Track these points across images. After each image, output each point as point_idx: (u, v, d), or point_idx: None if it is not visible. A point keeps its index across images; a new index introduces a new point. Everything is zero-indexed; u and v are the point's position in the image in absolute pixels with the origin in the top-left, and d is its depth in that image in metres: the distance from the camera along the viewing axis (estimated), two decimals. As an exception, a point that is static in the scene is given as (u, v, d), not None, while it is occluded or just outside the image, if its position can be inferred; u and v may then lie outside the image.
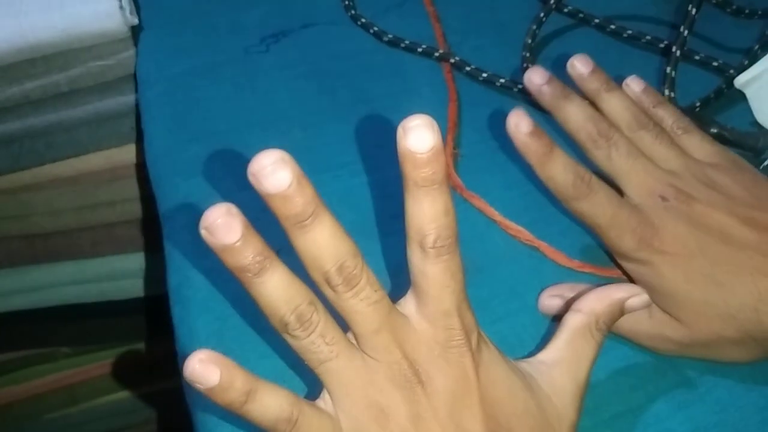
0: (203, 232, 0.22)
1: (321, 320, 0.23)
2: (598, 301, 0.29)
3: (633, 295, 0.29)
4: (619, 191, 0.32)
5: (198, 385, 0.22)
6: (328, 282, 0.23)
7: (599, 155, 0.32)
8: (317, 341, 0.23)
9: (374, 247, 0.37)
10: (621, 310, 0.29)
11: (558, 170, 0.30)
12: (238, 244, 0.22)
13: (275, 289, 0.23)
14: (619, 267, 0.33)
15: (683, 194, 0.31)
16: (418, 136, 0.22)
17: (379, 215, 0.38)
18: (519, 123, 0.29)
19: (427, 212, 0.23)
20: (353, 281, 0.23)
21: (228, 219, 0.22)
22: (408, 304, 0.25)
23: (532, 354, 0.29)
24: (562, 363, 0.28)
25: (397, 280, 0.31)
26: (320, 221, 0.23)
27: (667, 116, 0.35)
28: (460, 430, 0.24)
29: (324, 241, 0.23)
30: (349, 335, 0.25)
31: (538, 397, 0.26)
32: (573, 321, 0.29)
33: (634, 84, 0.36)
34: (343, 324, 0.25)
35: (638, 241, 0.30)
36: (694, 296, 0.29)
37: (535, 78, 0.34)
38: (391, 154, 0.23)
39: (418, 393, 0.24)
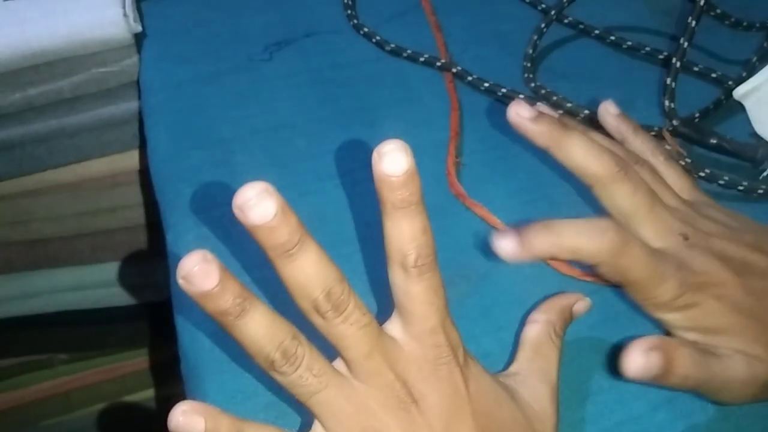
0: (181, 282, 0.22)
1: (306, 353, 0.23)
2: (551, 310, 0.31)
3: (578, 300, 0.32)
4: None
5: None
6: (317, 309, 0.23)
7: (621, 191, 0.30)
8: (305, 374, 0.23)
9: (377, 257, 0.37)
10: (570, 315, 0.32)
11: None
12: (216, 289, 0.22)
13: (258, 328, 0.23)
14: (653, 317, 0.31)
15: (699, 231, 0.31)
16: (393, 160, 0.23)
17: (380, 224, 0.39)
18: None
19: (406, 233, 0.24)
20: (342, 306, 0.23)
21: (204, 266, 0.22)
22: (393, 325, 0.26)
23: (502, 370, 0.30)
24: (535, 371, 0.29)
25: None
26: (306, 249, 0.23)
27: (646, 145, 0.35)
28: None
29: (311, 268, 0.23)
30: (336, 364, 0.25)
31: (521, 405, 0.27)
32: (534, 332, 0.31)
33: (610, 107, 0.36)
34: (327, 354, 0.25)
35: (679, 286, 0.29)
36: (750, 320, 0.29)
37: (523, 112, 0.30)
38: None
39: (413, 412, 0.24)
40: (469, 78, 0.46)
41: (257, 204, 0.22)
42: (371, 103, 0.46)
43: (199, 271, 0.22)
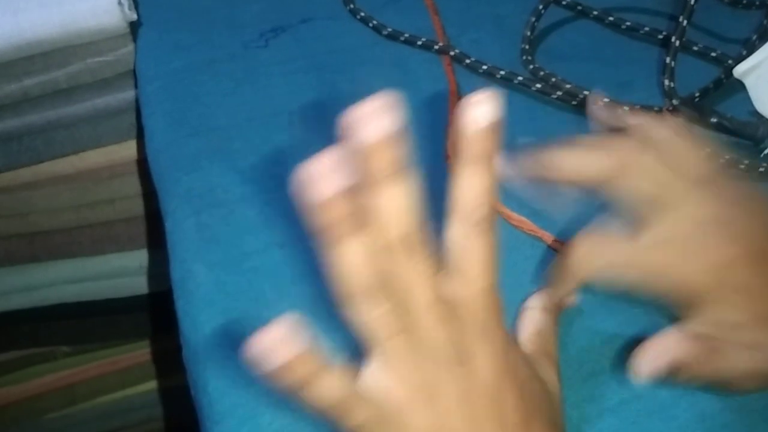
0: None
1: (393, 295, 0.23)
2: (547, 297, 0.32)
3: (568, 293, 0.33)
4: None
5: (264, 365, 0.21)
6: (394, 248, 0.23)
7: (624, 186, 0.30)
8: (390, 313, 0.23)
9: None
10: (563, 302, 0.33)
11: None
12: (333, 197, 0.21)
13: (359, 254, 0.22)
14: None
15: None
16: (482, 110, 0.22)
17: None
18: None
19: (477, 188, 0.23)
20: (416, 250, 0.23)
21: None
22: (445, 284, 0.25)
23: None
24: (539, 352, 0.30)
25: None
26: (402, 182, 0.22)
27: (649, 125, 0.33)
28: (499, 408, 0.24)
29: (401, 203, 0.22)
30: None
31: (539, 375, 0.28)
32: (533, 316, 0.31)
33: (599, 98, 0.35)
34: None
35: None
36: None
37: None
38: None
39: (465, 372, 0.24)
40: (467, 61, 0.46)
41: (380, 118, 0.21)
42: (369, 88, 0.45)
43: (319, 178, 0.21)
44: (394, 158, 0.21)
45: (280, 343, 0.21)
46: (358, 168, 0.22)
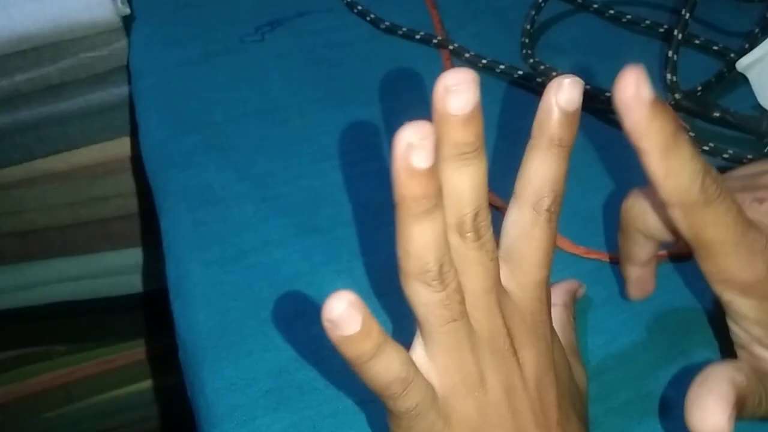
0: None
1: (456, 279, 0.22)
2: (564, 293, 0.32)
3: (579, 287, 0.33)
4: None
5: (337, 332, 0.20)
6: (461, 227, 0.22)
7: (713, 214, 0.24)
8: (452, 297, 0.22)
9: (375, 238, 0.36)
10: (575, 296, 0.33)
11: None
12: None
13: (428, 235, 0.21)
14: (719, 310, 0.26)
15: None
16: (572, 95, 0.22)
17: (378, 205, 0.38)
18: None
19: (550, 174, 0.23)
20: (482, 231, 0.22)
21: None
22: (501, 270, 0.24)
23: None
24: (566, 347, 0.29)
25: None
26: (479, 161, 0.21)
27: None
28: (542, 400, 0.24)
29: (474, 182, 0.21)
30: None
31: (573, 372, 0.27)
32: (554, 313, 0.30)
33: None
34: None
35: None
36: None
37: (645, 92, 0.21)
38: (390, 142, 0.23)
39: (513, 363, 0.23)
40: (467, 55, 0.45)
41: (463, 92, 0.20)
42: (366, 82, 0.45)
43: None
44: (478, 133, 0.21)
45: (352, 310, 0.20)
46: (439, 140, 0.20)
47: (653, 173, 0.22)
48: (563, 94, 0.22)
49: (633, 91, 0.21)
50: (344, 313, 0.20)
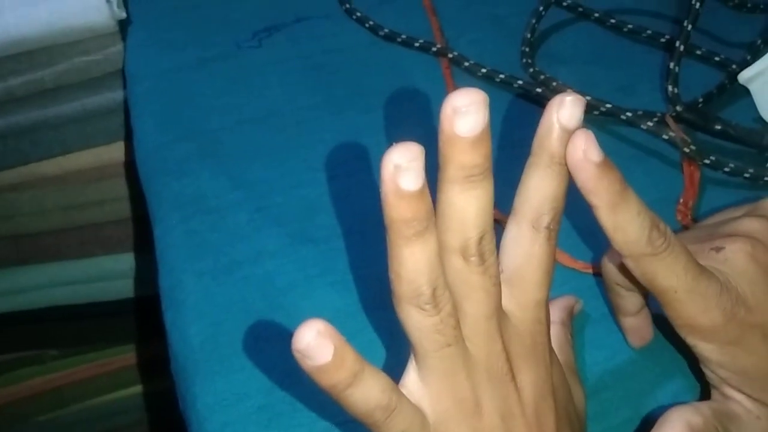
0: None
1: (450, 304, 0.21)
2: (561, 310, 0.31)
3: (576, 303, 0.33)
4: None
5: (308, 362, 0.20)
6: (465, 251, 0.21)
7: (662, 264, 0.25)
8: (445, 322, 0.21)
9: (371, 250, 0.36)
10: (572, 313, 0.32)
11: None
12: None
13: (423, 256, 0.21)
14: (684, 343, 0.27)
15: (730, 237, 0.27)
16: (573, 113, 0.22)
17: (375, 216, 0.37)
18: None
19: (550, 191, 0.22)
20: (486, 255, 0.21)
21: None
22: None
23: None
24: (565, 367, 0.28)
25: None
26: (487, 183, 0.21)
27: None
28: (540, 426, 0.23)
29: (480, 204, 0.21)
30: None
31: (572, 394, 0.27)
32: (553, 332, 0.29)
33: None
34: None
35: (723, 314, 0.25)
36: None
37: (593, 155, 0.22)
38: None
39: (510, 389, 0.23)
40: (466, 63, 0.45)
41: (472, 113, 0.20)
42: (365, 90, 0.44)
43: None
44: (486, 155, 0.20)
45: (323, 339, 0.20)
46: (445, 161, 0.20)
47: (604, 227, 0.24)
48: (565, 112, 0.22)
49: (581, 153, 0.22)
50: (313, 342, 0.19)
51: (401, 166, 0.19)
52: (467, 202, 0.21)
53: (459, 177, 0.20)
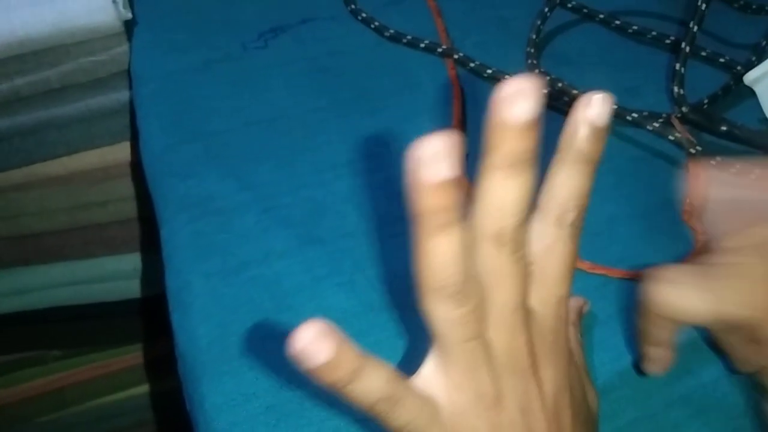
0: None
1: (478, 296, 0.21)
2: (570, 311, 0.31)
3: (584, 303, 0.33)
4: None
5: (306, 363, 0.20)
6: (500, 238, 0.21)
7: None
8: (472, 315, 0.21)
9: (378, 251, 0.36)
10: (581, 314, 0.32)
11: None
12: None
13: (444, 255, 0.20)
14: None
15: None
16: (602, 111, 0.22)
17: (382, 217, 0.37)
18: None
19: (576, 188, 0.22)
20: (520, 245, 0.21)
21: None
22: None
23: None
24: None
25: (402, 284, 0.30)
26: (529, 173, 0.21)
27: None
28: (558, 421, 0.23)
29: (521, 193, 0.21)
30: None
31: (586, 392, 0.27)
32: None
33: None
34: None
35: None
36: None
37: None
38: (395, 153, 0.22)
39: (532, 383, 0.23)
40: (471, 65, 0.45)
41: (524, 100, 0.20)
42: (370, 91, 0.44)
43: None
44: (533, 144, 0.20)
45: (321, 339, 0.20)
46: (492, 147, 0.20)
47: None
48: (592, 110, 0.22)
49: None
50: (310, 343, 0.20)
51: (433, 156, 0.18)
52: (508, 189, 0.21)
53: (504, 164, 0.20)
